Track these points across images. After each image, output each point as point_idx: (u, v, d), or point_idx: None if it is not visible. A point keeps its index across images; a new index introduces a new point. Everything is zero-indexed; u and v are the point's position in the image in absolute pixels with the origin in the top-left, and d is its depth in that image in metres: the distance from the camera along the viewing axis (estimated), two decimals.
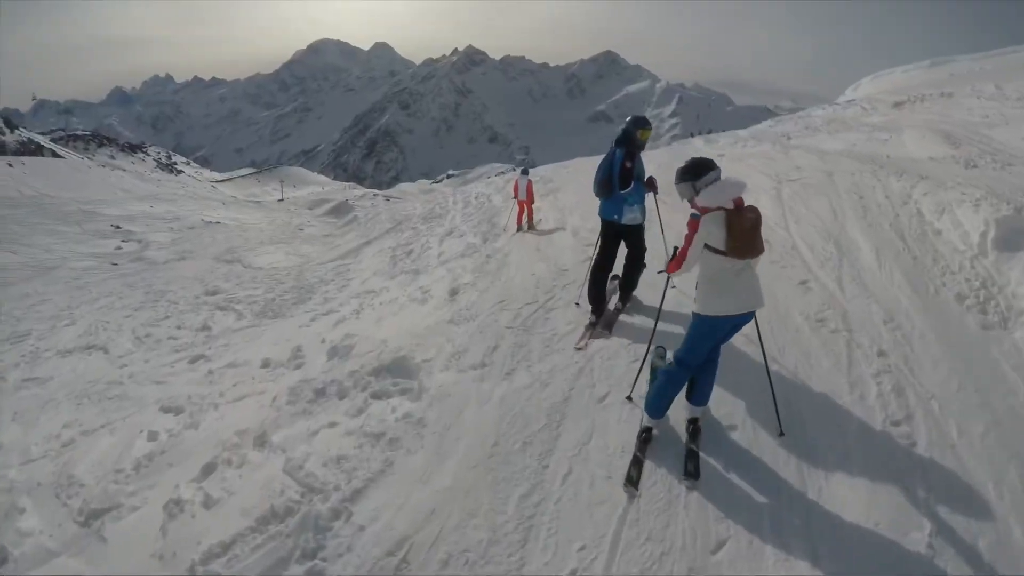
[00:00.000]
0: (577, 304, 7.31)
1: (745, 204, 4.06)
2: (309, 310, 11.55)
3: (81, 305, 14.81)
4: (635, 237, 6.65)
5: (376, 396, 5.98)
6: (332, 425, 5.55)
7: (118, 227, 31.96)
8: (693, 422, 4.59)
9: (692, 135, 64.23)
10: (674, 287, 6.42)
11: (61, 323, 13.07)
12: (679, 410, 4.66)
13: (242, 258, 22.17)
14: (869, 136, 14.72)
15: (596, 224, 10.17)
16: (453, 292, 9.09)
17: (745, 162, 13.86)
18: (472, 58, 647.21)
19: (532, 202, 14.55)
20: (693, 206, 4.16)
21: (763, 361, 4.71)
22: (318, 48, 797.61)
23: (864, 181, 9.89)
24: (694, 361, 4.35)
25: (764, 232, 4.19)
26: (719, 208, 4.00)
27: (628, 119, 6.45)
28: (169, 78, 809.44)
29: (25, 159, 57.20)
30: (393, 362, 6.54)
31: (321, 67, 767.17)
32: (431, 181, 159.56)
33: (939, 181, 8.80)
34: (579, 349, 6.19)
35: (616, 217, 6.43)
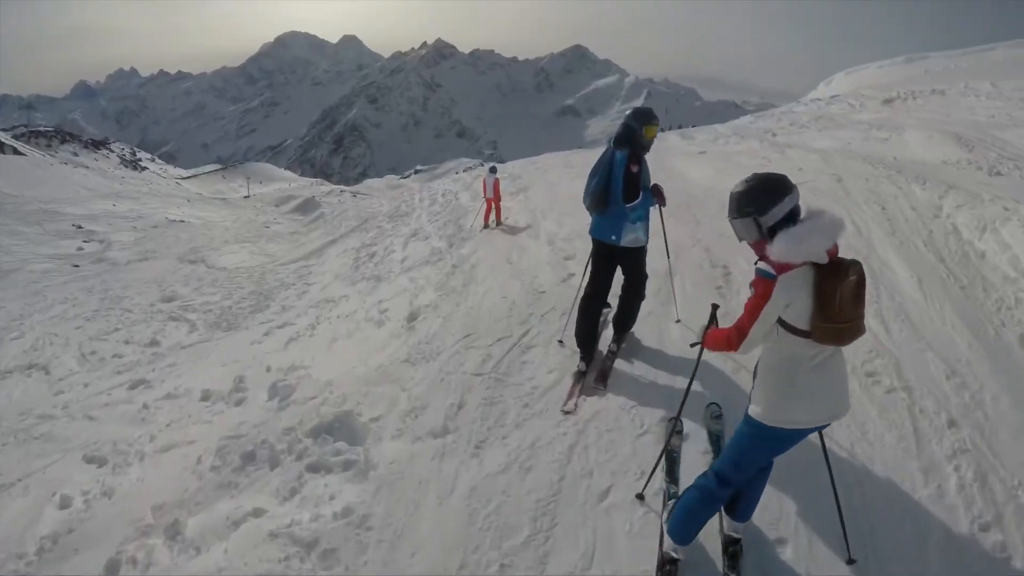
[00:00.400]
0: (561, 342, 5.93)
1: (838, 251, 2.64)
2: (265, 320, 11.09)
3: (34, 314, 14.15)
4: (635, 261, 5.27)
5: (313, 469, 4.89)
6: (257, 514, 4.42)
7: (80, 227, 31.15)
8: (734, 542, 3.32)
9: (663, 129, 63.34)
10: (678, 321, 6.00)
11: (9, 335, 12.36)
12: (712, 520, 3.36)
13: (206, 258, 21.66)
14: (865, 135, 13.93)
15: (573, 231, 9.44)
16: (412, 317, 7.95)
17: (732, 160, 13.28)
18: (441, 52, 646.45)
19: (499, 200, 14.81)
20: (760, 255, 2.69)
21: (820, 444, 3.28)
22: (285, 41, 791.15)
23: (883, 188, 8.83)
24: (741, 478, 3.03)
25: None
26: (805, 263, 2.54)
27: (628, 113, 5.13)
28: (134, 71, 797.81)
29: None
30: (336, 418, 5.51)
31: (288, 60, 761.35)
32: (399, 176, 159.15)
33: (971, 192, 7.85)
34: (567, 413, 4.86)
35: (614, 238, 5.03)
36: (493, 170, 16.31)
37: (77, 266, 21.91)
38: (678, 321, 5.97)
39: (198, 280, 16.87)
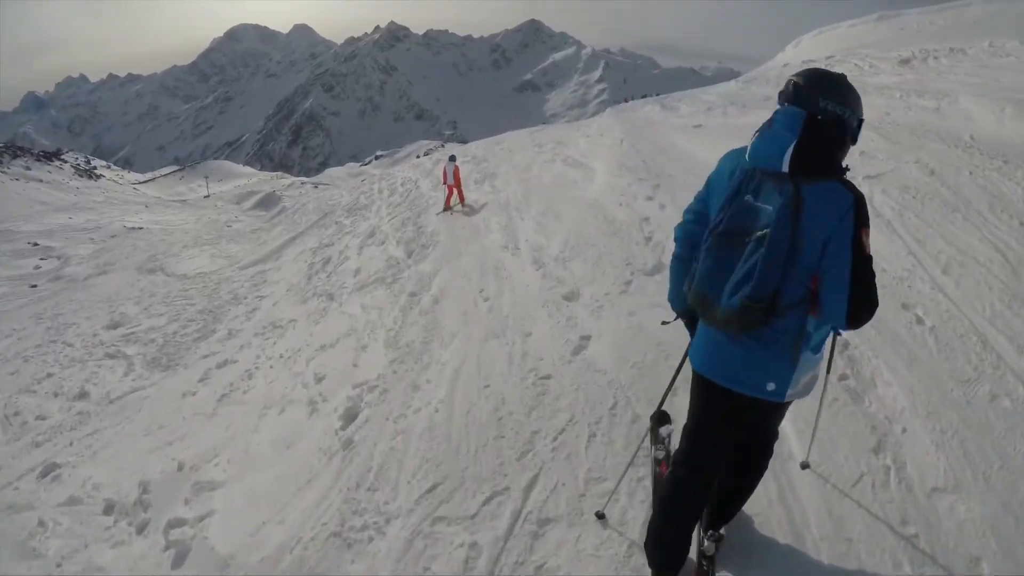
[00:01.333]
0: (601, 516, 3.41)
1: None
2: (207, 353, 10.30)
3: None
4: (772, 416, 2.79)
5: None
6: None
7: (36, 244, 30.75)
8: None
9: (627, 100, 63.73)
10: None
11: None
12: None
13: (164, 265, 21.10)
14: (905, 103, 11.50)
15: (566, 244, 8.66)
16: (350, 415, 5.58)
17: (746, 138, 12.30)
18: (395, 34, 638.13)
19: (460, 185, 15.35)
20: None
21: None
22: (236, 34, 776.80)
23: (1001, 187, 6.51)
24: None
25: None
26: None
27: (803, 75, 2.61)
28: (83, 78, 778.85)
29: None
30: None
31: (240, 54, 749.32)
32: (360, 163, 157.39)
33: None
34: None
35: (772, 388, 2.42)
36: (452, 158, 16.70)
37: (35, 286, 21.37)
38: (806, 467, 3.46)
39: (151, 296, 16.37)
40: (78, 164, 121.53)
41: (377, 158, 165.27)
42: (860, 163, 7.89)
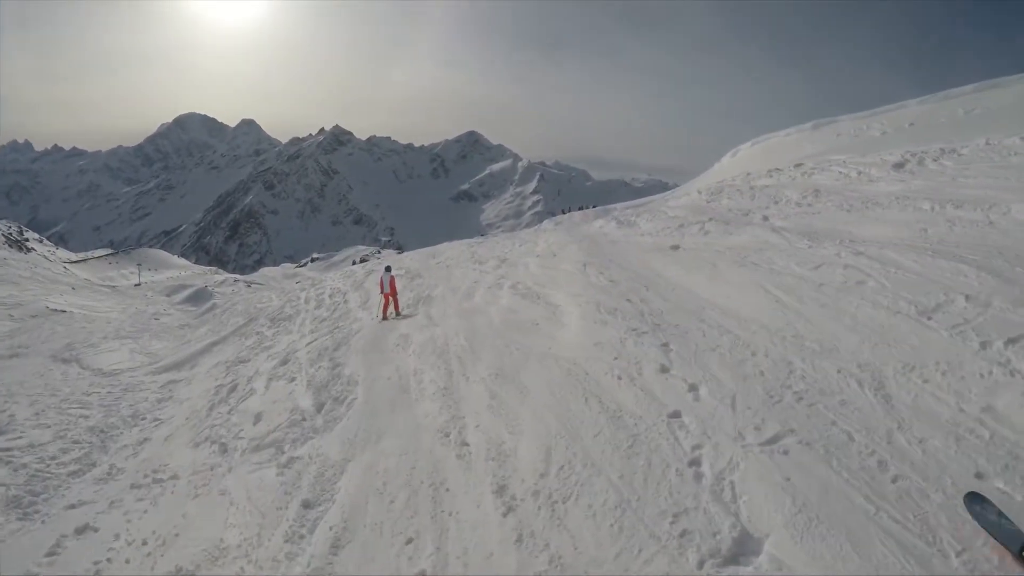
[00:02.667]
0: None
1: None
2: (73, 503, 8.79)
3: None
4: None
5: None
6: None
7: None
8: None
9: (563, 211, 63.27)
10: None
11: None
12: None
13: (81, 357, 20.29)
14: (943, 215, 10.21)
15: (545, 452, 6.70)
16: None
17: (759, 266, 10.58)
18: (339, 138, 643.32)
19: (396, 293, 16.61)
20: None
21: None
22: (183, 122, 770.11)
23: None
24: None
25: None
26: None
27: None
28: (28, 145, 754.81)
29: None
30: None
31: (186, 142, 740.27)
32: (296, 264, 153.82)
33: None
34: None
35: None
36: (388, 268, 17.66)
37: None
38: None
39: (52, 395, 15.08)
40: (10, 233, 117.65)
41: (313, 260, 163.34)
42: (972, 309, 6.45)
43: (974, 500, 4.23)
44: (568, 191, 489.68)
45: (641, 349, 8.30)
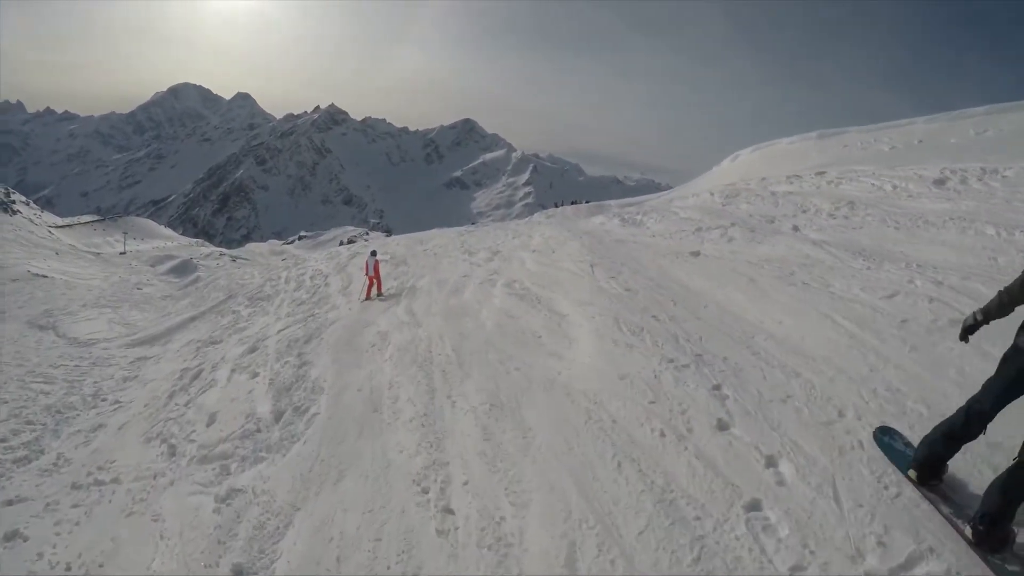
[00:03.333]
0: None
1: None
2: (10, 499, 8.31)
3: None
4: None
5: None
6: None
7: None
8: None
9: (556, 204, 61.89)
10: None
11: None
12: None
13: (58, 324, 20.49)
14: (1010, 241, 9.05)
15: (570, 544, 4.81)
16: None
17: (806, 284, 9.14)
18: (334, 117, 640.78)
19: (379, 277, 16.95)
20: None
21: None
22: (178, 92, 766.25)
23: None
24: None
25: None
26: None
27: None
28: (20, 105, 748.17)
29: None
30: None
31: (179, 112, 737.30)
32: (282, 242, 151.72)
33: None
34: None
35: None
36: (374, 253, 17.85)
37: None
38: None
39: (18, 366, 15.13)
40: None
41: (300, 238, 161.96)
42: None
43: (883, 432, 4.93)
44: (560, 184, 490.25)
45: (685, 391, 6.42)
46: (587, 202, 40.14)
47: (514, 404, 7.29)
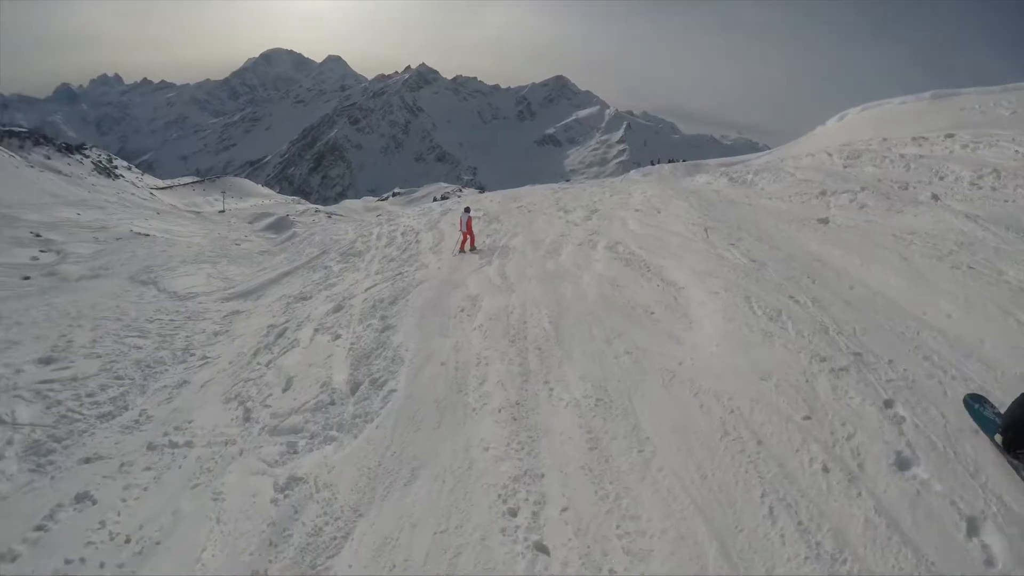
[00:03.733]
0: None
1: None
2: (87, 457, 8.24)
3: None
4: None
5: None
6: None
7: (38, 235, 29.45)
8: None
9: (652, 163, 59.70)
10: None
11: None
12: None
13: (158, 279, 20.63)
14: None
15: None
16: None
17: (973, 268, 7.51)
18: (424, 76, 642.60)
19: (472, 231, 16.93)
20: None
21: None
22: (270, 57, 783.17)
23: None
24: None
25: None
26: None
27: None
28: (118, 78, 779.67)
29: None
30: None
31: (272, 77, 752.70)
32: (377, 198, 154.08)
33: None
34: None
35: None
36: (467, 209, 17.74)
37: (28, 278, 20.52)
38: None
39: (116, 320, 15.07)
40: (99, 161, 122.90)
41: (395, 195, 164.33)
42: None
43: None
44: (655, 142, 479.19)
45: (849, 406, 4.98)
46: (684, 160, 38.58)
47: (625, 400, 5.99)
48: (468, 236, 17.09)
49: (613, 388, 6.32)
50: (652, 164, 49.36)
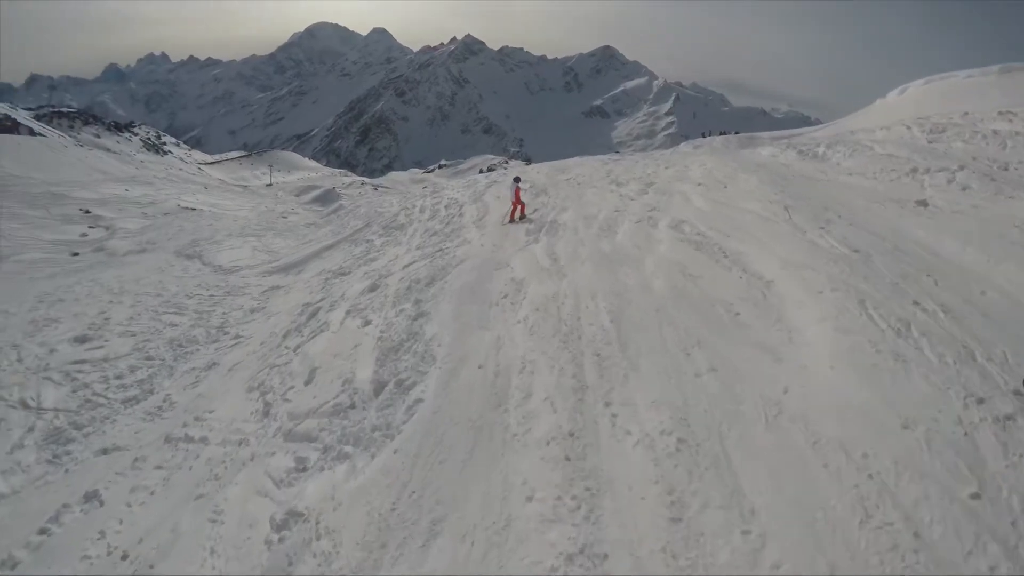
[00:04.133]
0: None
1: None
2: (105, 448, 8.26)
3: None
4: None
5: None
6: None
7: (87, 211, 30.16)
8: None
9: (704, 135, 57.56)
10: None
11: None
12: None
13: (203, 253, 21.11)
14: None
15: None
16: None
17: None
18: (470, 48, 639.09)
19: (520, 201, 16.73)
20: None
21: None
22: (315, 32, 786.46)
23: None
24: None
25: None
26: None
27: None
28: (164, 57, 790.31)
29: None
30: None
31: (318, 51, 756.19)
32: (423, 170, 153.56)
33: None
34: None
35: None
36: (517, 179, 17.57)
37: (76, 254, 21.21)
38: None
39: (156, 295, 15.45)
40: (148, 138, 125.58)
41: (441, 167, 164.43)
42: None
43: None
44: (704, 114, 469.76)
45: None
46: (735, 133, 37.96)
47: (716, 444, 4.54)
48: (518, 205, 16.96)
49: (698, 423, 4.86)
50: (704, 136, 47.88)
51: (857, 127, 21.69)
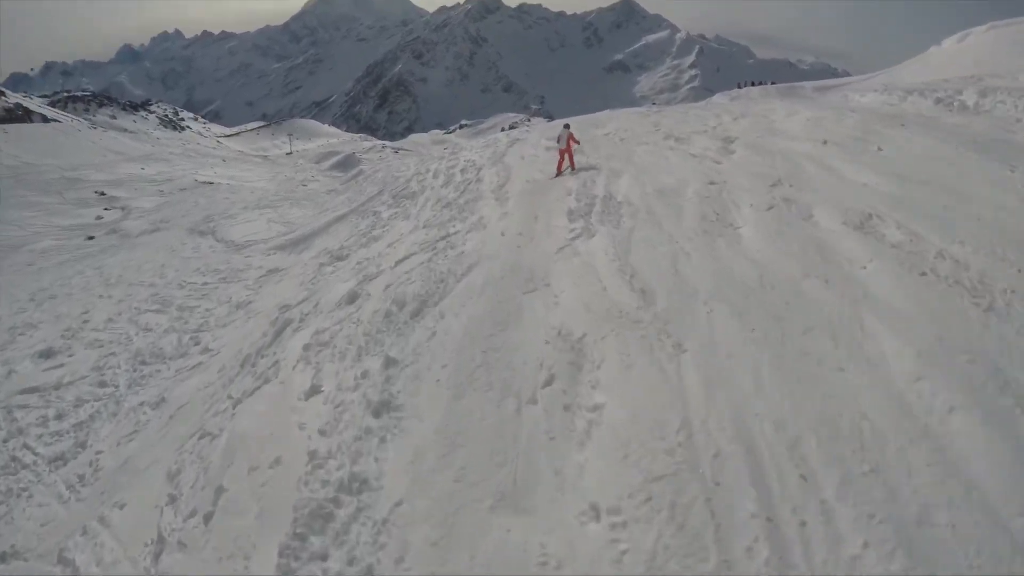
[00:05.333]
0: None
1: None
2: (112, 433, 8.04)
3: None
4: None
5: None
6: None
7: (102, 193, 30.54)
8: None
9: (739, 85, 54.28)
10: None
11: None
12: None
13: (217, 228, 21.00)
14: None
15: None
16: None
17: None
18: (487, 6, 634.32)
19: (570, 150, 15.37)
20: None
21: None
22: None
23: None
24: None
25: None
26: None
27: None
28: (178, 33, 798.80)
29: (8, 127, 54.80)
30: None
31: (332, 17, 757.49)
32: (444, 131, 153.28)
33: None
34: None
35: None
36: (567, 126, 16.08)
37: (92, 238, 21.18)
38: None
39: (149, 285, 15.21)
40: (165, 115, 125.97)
41: (462, 127, 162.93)
42: None
43: None
44: (728, 67, 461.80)
45: None
46: (771, 83, 37.10)
47: None
48: (566, 154, 15.47)
49: None
50: (739, 87, 46.25)
51: (921, 77, 19.76)
